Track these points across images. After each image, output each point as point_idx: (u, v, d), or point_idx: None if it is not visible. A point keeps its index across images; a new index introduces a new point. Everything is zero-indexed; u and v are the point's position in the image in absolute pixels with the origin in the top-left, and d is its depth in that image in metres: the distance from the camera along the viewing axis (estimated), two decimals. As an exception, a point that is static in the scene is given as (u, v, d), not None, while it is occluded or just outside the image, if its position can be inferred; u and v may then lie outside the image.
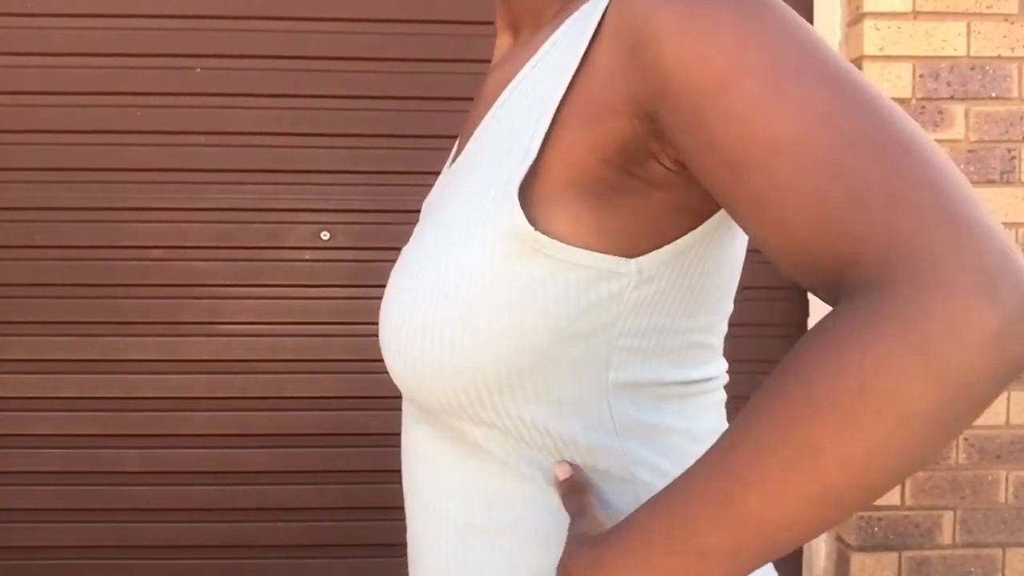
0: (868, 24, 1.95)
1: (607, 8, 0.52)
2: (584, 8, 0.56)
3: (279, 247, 2.06)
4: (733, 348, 2.14)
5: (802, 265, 0.43)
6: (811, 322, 2.12)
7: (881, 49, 1.95)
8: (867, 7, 1.95)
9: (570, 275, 0.53)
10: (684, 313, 0.57)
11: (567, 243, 0.53)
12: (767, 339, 2.16)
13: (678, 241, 0.55)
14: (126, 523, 2.05)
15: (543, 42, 0.59)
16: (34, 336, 2.04)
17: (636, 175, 0.53)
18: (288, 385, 2.07)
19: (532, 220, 0.53)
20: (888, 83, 1.95)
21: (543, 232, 0.52)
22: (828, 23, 2.07)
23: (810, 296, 2.12)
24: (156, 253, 2.04)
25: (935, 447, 0.38)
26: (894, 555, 2.00)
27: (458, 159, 0.63)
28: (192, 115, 2.04)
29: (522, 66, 0.60)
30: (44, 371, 2.05)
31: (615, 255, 0.53)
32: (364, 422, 2.07)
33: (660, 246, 0.54)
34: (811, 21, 2.10)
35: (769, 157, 0.43)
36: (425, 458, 0.62)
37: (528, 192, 0.53)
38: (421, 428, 0.62)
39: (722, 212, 0.55)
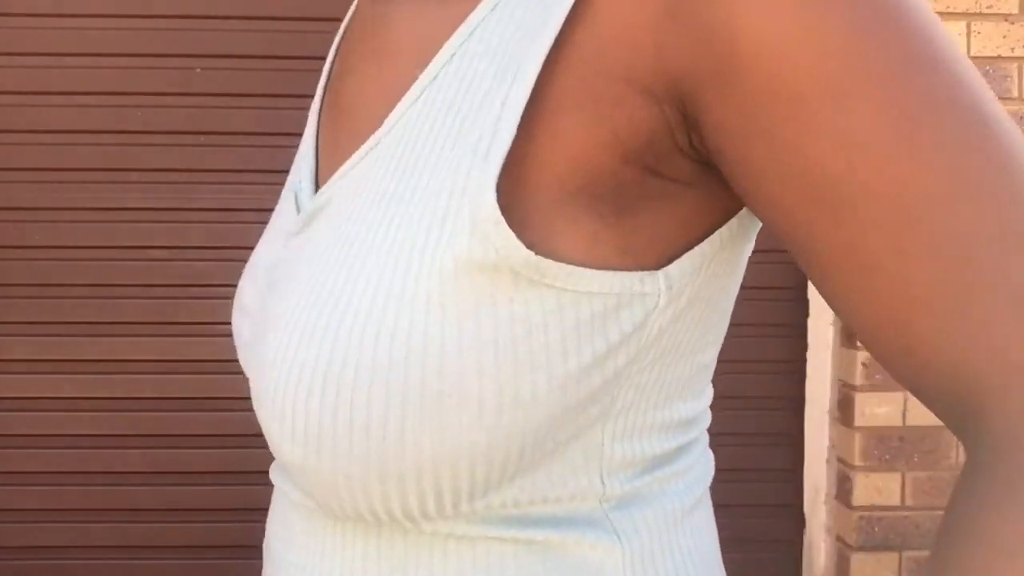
0: (868, 24, 1.95)
1: None
2: None
3: (279, 247, 2.06)
4: (733, 348, 2.14)
5: (902, 356, 0.34)
6: (811, 322, 2.11)
7: (881, 49, 1.95)
8: (867, 7, 1.95)
9: (582, 310, 0.37)
10: (699, 342, 0.43)
11: (585, 266, 0.37)
12: (767, 339, 2.15)
13: (704, 243, 0.40)
14: (126, 523, 2.05)
15: None
16: (34, 336, 2.04)
17: (665, 175, 0.38)
18: (288, 385, 2.06)
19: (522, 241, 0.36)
20: (888, 83, 1.95)
21: (544, 255, 0.36)
22: (828, 23, 2.06)
23: (810, 296, 2.12)
24: (156, 253, 2.04)
25: None
26: (894, 555, 2.00)
27: (344, 175, 0.42)
28: (192, 115, 2.04)
29: (443, 26, 0.40)
30: (44, 371, 2.05)
31: (637, 270, 0.38)
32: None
33: (683, 252, 0.39)
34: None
35: (892, 213, 0.32)
36: (320, 544, 0.43)
37: (503, 203, 0.36)
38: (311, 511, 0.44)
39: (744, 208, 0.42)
